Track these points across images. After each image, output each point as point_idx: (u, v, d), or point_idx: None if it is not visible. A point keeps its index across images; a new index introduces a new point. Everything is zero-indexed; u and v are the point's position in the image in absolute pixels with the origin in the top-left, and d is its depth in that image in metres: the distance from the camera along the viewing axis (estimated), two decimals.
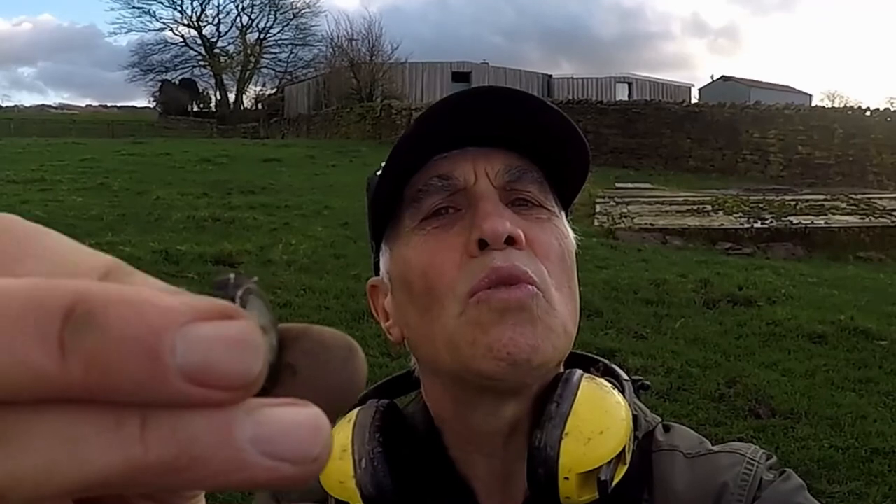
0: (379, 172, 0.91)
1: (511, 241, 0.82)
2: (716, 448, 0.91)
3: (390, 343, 0.97)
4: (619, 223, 11.60)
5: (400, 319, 0.92)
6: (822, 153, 18.64)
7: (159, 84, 48.51)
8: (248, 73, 45.95)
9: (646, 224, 11.54)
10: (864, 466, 4.15)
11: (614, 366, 0.97)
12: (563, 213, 0.93)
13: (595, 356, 0.98)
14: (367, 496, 0.82)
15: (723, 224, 11.53)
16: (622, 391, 0.89)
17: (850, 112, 19.71)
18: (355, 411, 0.89)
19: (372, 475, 0.82)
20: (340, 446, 0.85)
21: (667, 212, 12.63)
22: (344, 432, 0.87)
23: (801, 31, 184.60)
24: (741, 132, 19.94)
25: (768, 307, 7.27)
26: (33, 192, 13.43)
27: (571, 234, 0.92)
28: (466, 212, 0.86)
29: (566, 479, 0.79)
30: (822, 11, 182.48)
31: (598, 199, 13.53)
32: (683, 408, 4.90)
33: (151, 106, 50.18)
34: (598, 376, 0.90)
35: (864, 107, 19.41)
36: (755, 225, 11.34)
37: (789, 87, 44.63)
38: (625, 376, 0.94)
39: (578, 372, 0.87)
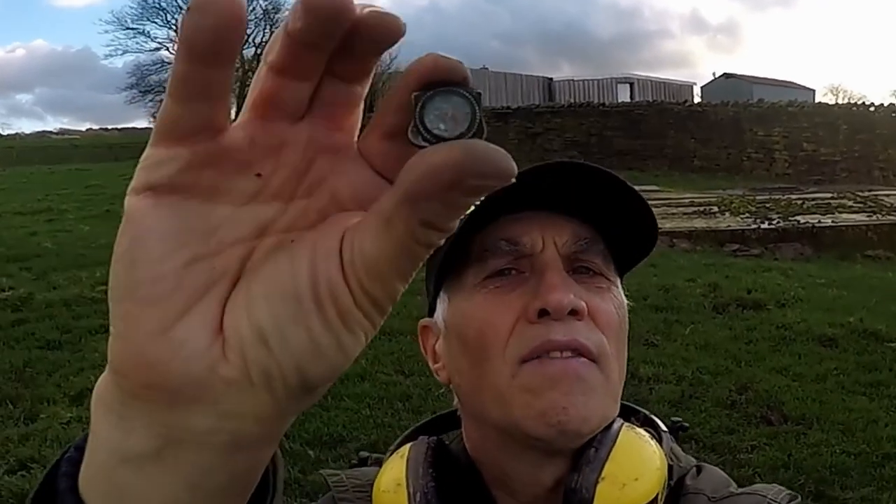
0: None
1: (573, 312, 0.84)
2: (739, 490, 0.93)
3: (404, 360, 1.01)
4: None
5: (451, 365, 0.94)
6: (827, 150, 18.57)
7: (159, 104, 48.40)
8: (247, 88, 45.81)
9: None
10: (875, 472, 4.14)
11: (654, 416, 1.00)
12: (619, 282, 0.95)
13: (636, 406, 1.01)
14: None
15: (730, 225, 11.48)
16: (659, 440, 0.92)
17: (854, 108, 19.65)
18: (408, 446, 0.93)
19: None
20: (395, 480, 0.89)
21: (673, 214, 12.58)
22: (398, 467, 0.90)
23: (801, 25, 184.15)
24: (745, 131, 19.88)
25: (778, 310, 7.26)
26: (41, 222, 13.47)
27: (625, 302, 0.94)
28: (530, 276, 0.89)
29: None
30: (822, 5, 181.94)
31: None
32: (696, 416, 4.88)
33: (152, 126, 50.20)
34: (638, 426, 0.93)
35: (868, 103, 19.37)
36: (762, 225, 11.29)
37: (792, 83, 44.34)
38: (663, 427, 0.98)
39: (619, 421, 0.89)
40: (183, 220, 0.37)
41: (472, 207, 0.88)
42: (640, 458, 0.85)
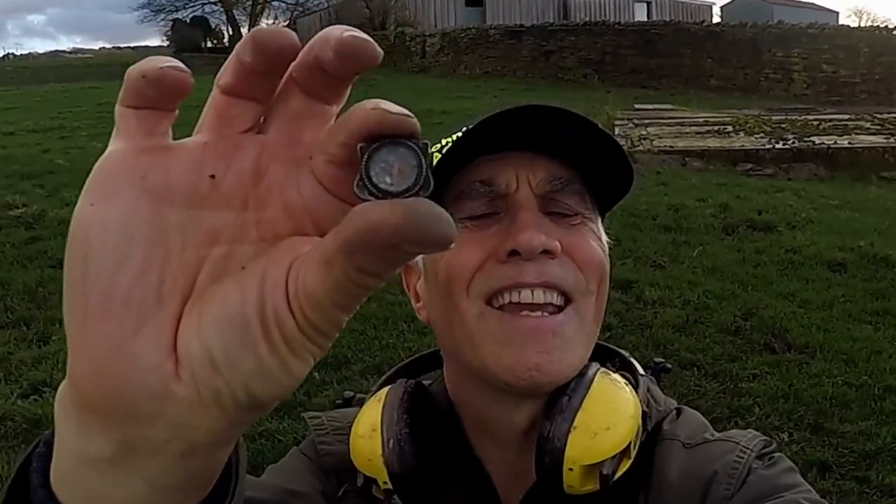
0: None
1: (546, 251, 0.84)
2: (714, 436, 0.94)
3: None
4: (638, 146, 11.34)
5: (428, 304, 0.96)
6: (847, 72, 18.21)
7: (171, 23, 48.06)
8: (258, 7, 45.08)
9: (665, 146, 11.36)
10: (876, 405, 4.11)
11: (632, 359, 1.00)
12: (598, 219, 0.94)
13: (615, 348, 1.02)
14: (394, 474, 0.87)
15: (744, 145, 11.35)
16: (636, 386, 0.92)
17: (877, 31, 19.23)
18: (385, 390, 0.95)
19: (399, 455, 0.87)
20: (370, 425, 0.90)
21: (687, 133, 12.45)
22: (374, 411, 0.92)
23: None
24: (764, 52, 19.52)
25: (788, 232, 7.21)
26: (53, 139, 13.52)
27: (605, 238, 0.94)
28: (504, 216, 0.88)
29: (570, 469, 0.83)
30: None
31: (617, 122, 13.30)
32: (699, 342, 4.90)
33: (165, 45, 49.62)
34: (614, 371, 0.93)
35: (891, 26, 18.93)
36: (777, 146, 11.16)
37: (814, 5, 43.46)
38: (641, 370, 0.98)
39: (594, 367, 0.90)
40: (133, 227, 0.38)
41: (449, 148, 0.88)
42: (612, 406, 0.86)
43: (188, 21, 47.82)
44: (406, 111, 0.38)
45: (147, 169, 0.39)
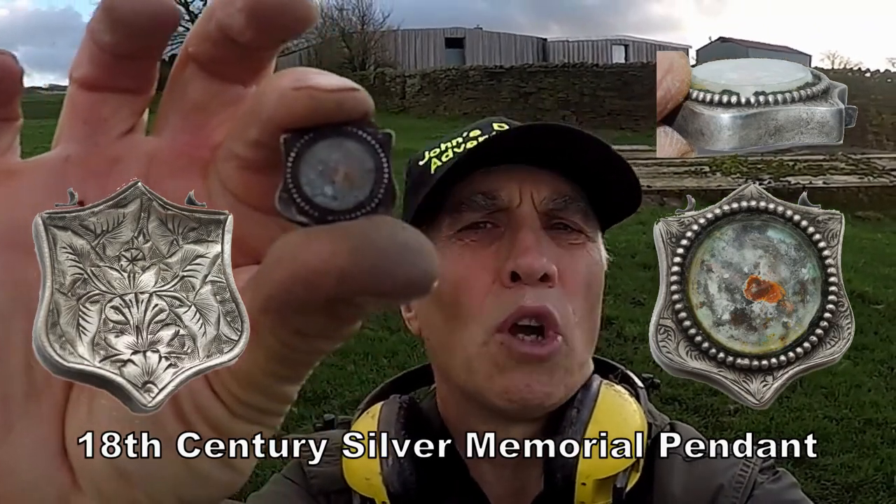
0: (422, 162, 0.93)
1: (545, 277, 0.83)
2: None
3: (390, 316, 1.00)
4: None
5: (423, 318, 0.93)
6: None
7: None
8: None
9: (643, 186, 11.29)
10: (857, 438, 4.15)
11: (630, 372, 0.99)
12: (599, 235, 0.93)
13: (613, 363, 1.01)
14: (394, 493, 0.84)
15: (720, 185, 11.45)
16: (637, 398, 0.92)
17: (850, 73, 19.66)
18: (378, 406, 0.91)
19: (399, 473, 0.84)
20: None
21: (664, 174, 12.55)
22: (369, 428, 0.89)
23: None
24: None
25: None
26: None
27: (604, 257, 0.92)
28: (505, 231, 0.87)
29: (583, 484, 0.82)
30: None
31: None
32: (678, 379, 4.86)
33: None
34: (616, 383, 0.93)
35: (863, 68, 19.44)
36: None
37: (788, 48, 44.22)
38: (640, 383, 0.97)
39: (598, 379, 0.89)
40: None
41: (454, 161, 0.86)
42: (621, 417, 0.85)
43: (167, 59, 48.23)
44: (348, 82, 0.26)
45: None
